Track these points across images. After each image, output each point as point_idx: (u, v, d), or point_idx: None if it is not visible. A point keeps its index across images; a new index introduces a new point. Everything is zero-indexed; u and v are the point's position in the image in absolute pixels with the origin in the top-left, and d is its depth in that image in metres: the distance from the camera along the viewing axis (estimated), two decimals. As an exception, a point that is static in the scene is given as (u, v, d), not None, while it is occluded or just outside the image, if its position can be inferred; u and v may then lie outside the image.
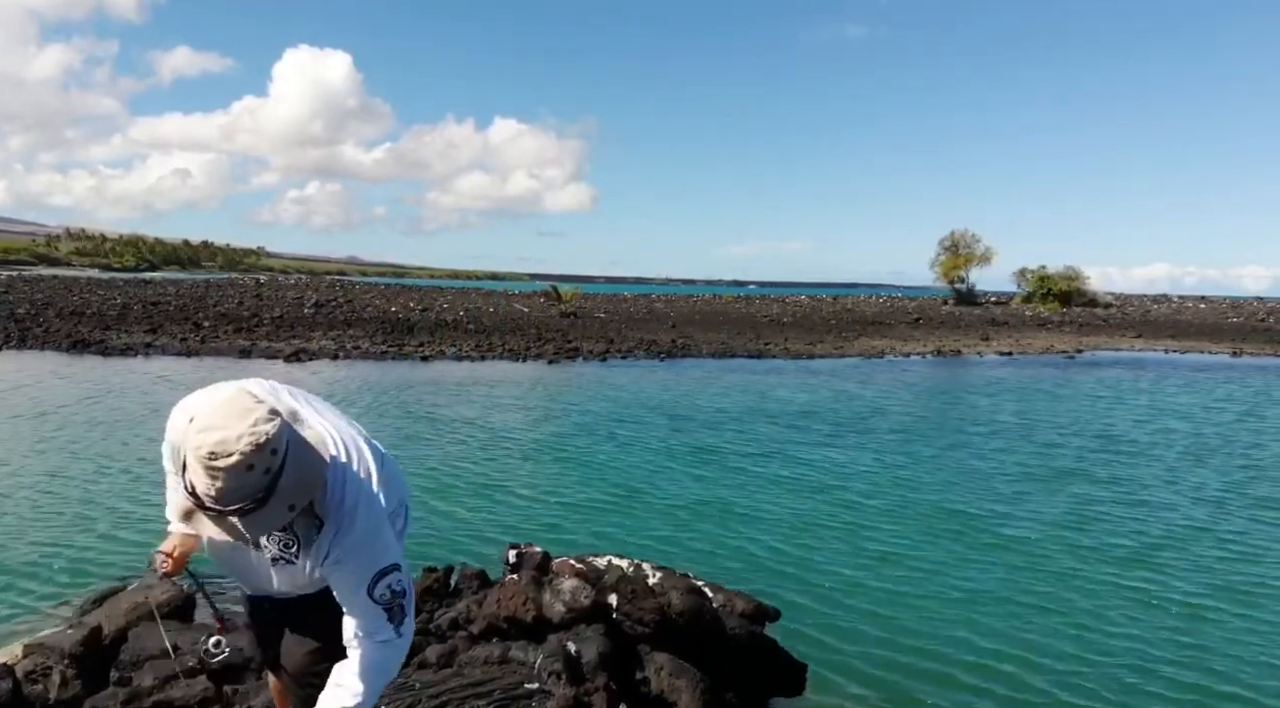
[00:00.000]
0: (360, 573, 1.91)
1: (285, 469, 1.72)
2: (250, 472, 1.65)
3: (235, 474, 1.64)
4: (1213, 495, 9.42)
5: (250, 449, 1.64)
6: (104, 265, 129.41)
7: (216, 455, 1.64)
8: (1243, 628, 5.79)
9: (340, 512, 1.90)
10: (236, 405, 1.70)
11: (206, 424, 1.67)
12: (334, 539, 1.90)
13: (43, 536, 6.99)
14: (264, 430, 1.67)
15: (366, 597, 1.91)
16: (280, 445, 1.71)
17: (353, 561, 1.91)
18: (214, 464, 1.64)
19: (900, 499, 9.01)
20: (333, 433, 1.98)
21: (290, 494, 1.74)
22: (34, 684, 3.87)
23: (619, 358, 24.35)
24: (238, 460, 1.64)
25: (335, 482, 1.90)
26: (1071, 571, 6.86)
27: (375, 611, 1.93)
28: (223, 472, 1.64)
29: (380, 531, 1.95)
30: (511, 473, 9.81)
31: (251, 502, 1.68)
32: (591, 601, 4.12)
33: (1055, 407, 16.63)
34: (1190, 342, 36.18)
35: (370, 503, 1.95)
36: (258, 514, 1.71)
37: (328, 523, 1.89)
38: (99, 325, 26.23)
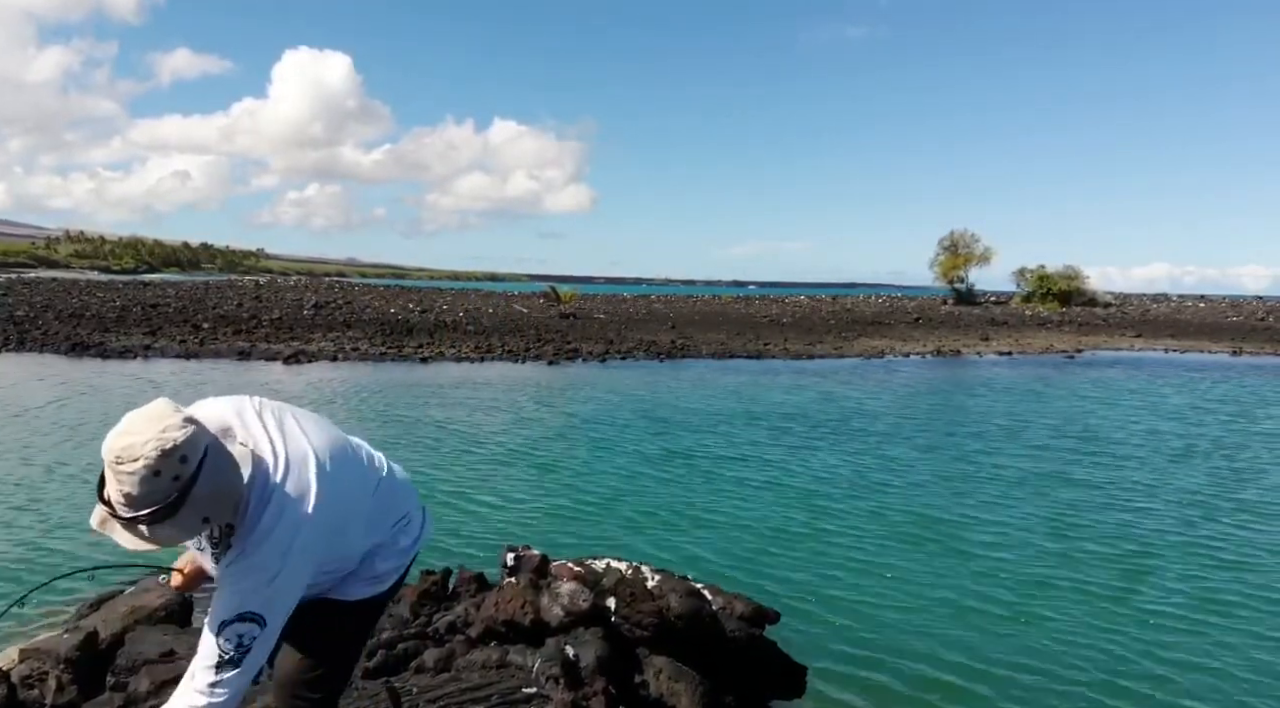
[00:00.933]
0: (224, 604, 1.81)
1: (199, 479, 1.67)
2: (157, 478, 1.63)
3: (140, 480, 1.63)
4: (1197, 500, 9.34)
5: (156, 454, 1.62)
6: (103, 267, 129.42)
7: (122, 460, 1.63)
8: (1226, 636, 5.77)
9: (247, 539, 1.81)
10: (152, 412, 1.69)
11: (120, 430, 1.67)
12: (235, 559, 1.82)
13: (38, 539, 6.97)
14: (172, 437, 1.64)
15: (213, 631, 1.80)
16: (192, 454, 1.66)
17: (235, 584, 1.81)
18: (120, 468, 1.64)
19: (901, 503, 9.00)
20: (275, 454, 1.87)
21: (204, 505, 1.69)
22: (30, 690, 3.85)
23: (619, 359, 24.33)
24: (143, 465, 1.62)
25: (256, 507, 1.81)
26: (1067, 576, 6.84)
27: (212, 647, 1.80)
28: (128, 476, 1.63)
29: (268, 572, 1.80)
30: (510, 475, 9.79)
31: (160, 508, 1.65)
32: (590, 604, 4.10)
33: (1054, 407, 16.62)
34: (1190, 341, 36.17)
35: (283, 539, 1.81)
36: (168, 523, 1.67)
37: (234, 545, 1.82)
38: (98, 328, 26.21)
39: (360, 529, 2.06)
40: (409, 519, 2.26)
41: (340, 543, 2.01)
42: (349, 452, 2.06)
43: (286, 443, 1.90)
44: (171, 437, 1.64)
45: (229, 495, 1.75)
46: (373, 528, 2.12)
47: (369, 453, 2.17)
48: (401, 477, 2.27)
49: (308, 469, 1.89)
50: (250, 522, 1.81)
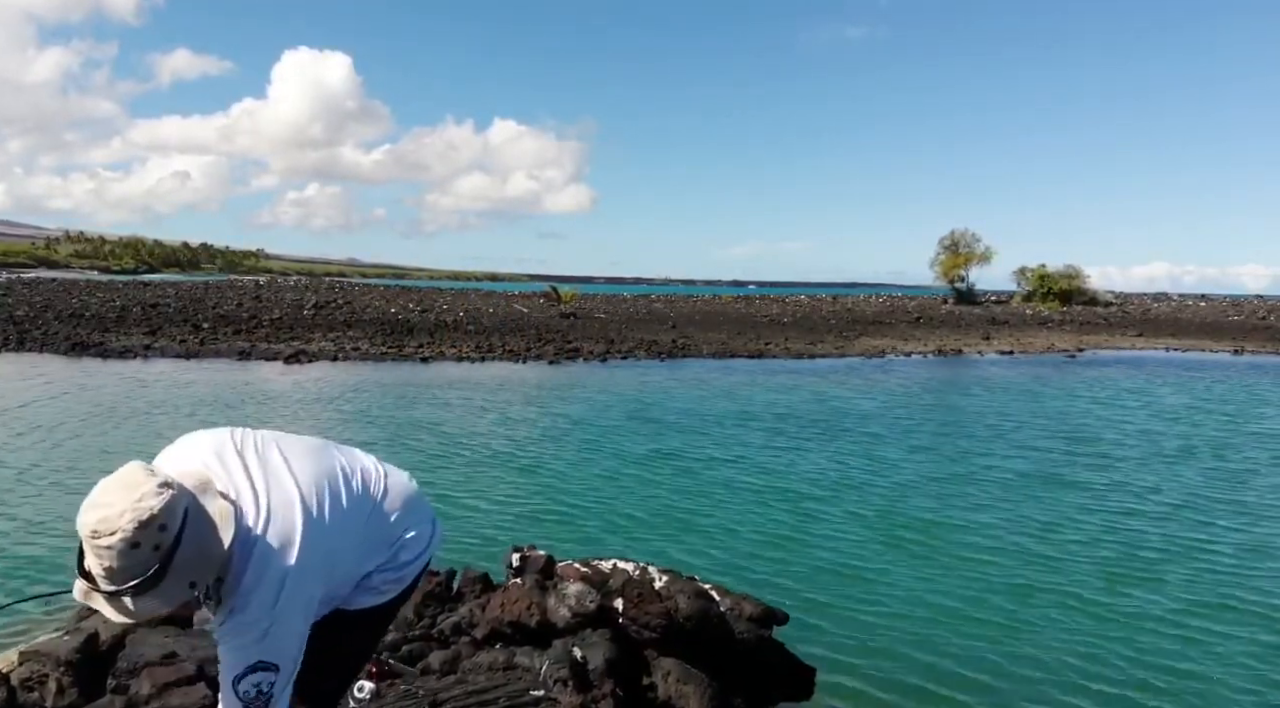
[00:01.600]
0: (232, 657, 1.78)
1: (181, 545, 1.61)
2: (136, 550, 1.56)
3: (120, 553, 1.56)
4: (1198, 503, 9.28)
5: (133, 527, 1.56)
6: (103, 268, 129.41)
7: (99, 534, 1.56)
8: (1221, 640, 5.73)
9: (235, 594, 1.76)
10: (125, 479, 1.62)
11: (92, 501, 1.60)
12: (225, 616, 1.78)
13: (39, 540, 6.92)
14: (148, 506, 1.58)
15: (230, 686, 1.78)
16: (171, 521, 1.60)
17: (231, 643, 1.78)
18: (96, 543, 1.56)
19: (909, 506, 8.95)
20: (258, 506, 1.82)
21: (190, 570, 1.64)
22: (30, 692, 3.80)
23: (619, 359, 24.29)
24: (120, 539, 1.55)
25: (239, 562, 1.76)
26: (1075, 580, 6.79)
27: (234, 704, 1.79)
28: (106, 550, 1.56)
29: (270, 620, 1.77)
30: (512, 475, 9.75)
31: (142, 581, 1.59)
32: (597, 605, 4.05)
33: (1057, 408, 16.59)
34: (1191, 340, 36.15)
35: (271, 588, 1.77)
36: (153, 593, 1.61)
37: (224, 601, 1.78)
38: (98, 328, 26.17)
39: (352, 559, 2.00)
40: (414, 536, 2.16)
41: (331, 577, 1.95)
42: (339, 482, 1.98)
43: (269, 487, 1.84)
44: (148, 506, 1.58)
45: (213, 557, 1.69)
46: (367, 555, 2.05)
47: (363, 475, 2.07)
48: (405, 492, 2.16)
49: (293, 514, 1.82)
50: (234, 578, 1.75)
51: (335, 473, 1.99)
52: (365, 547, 2.03)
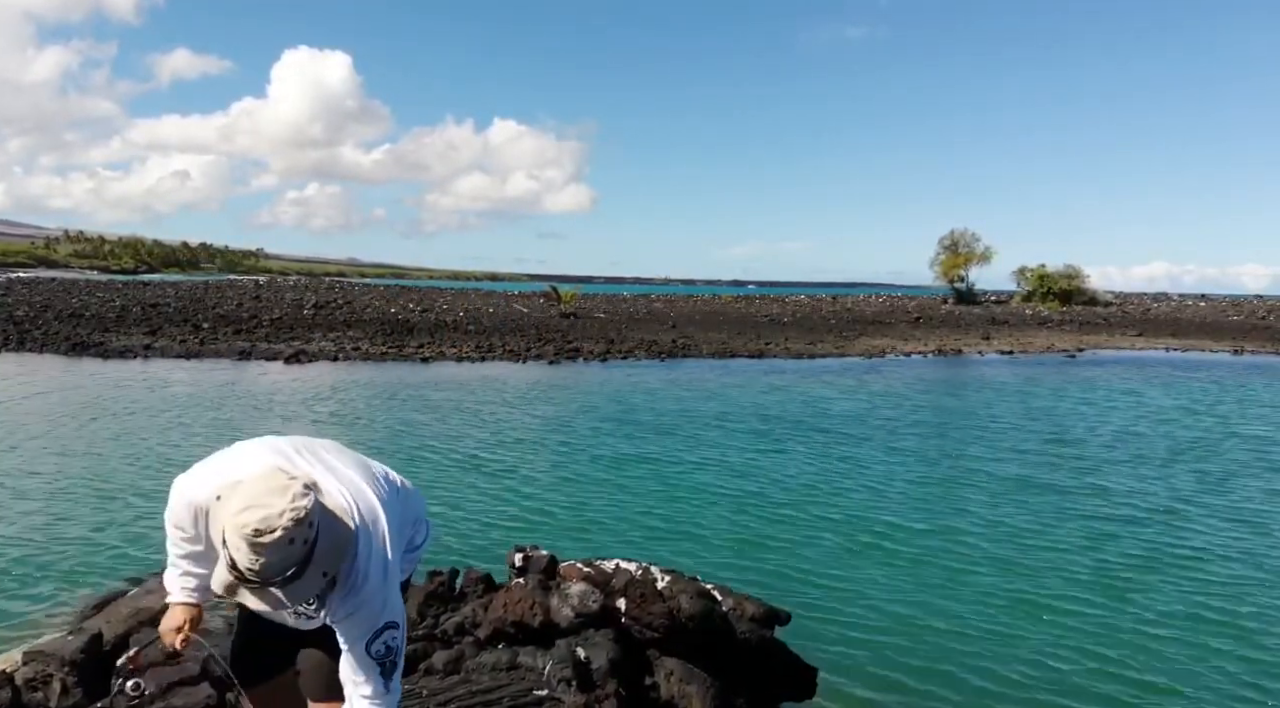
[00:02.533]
0: (362, 628, 2.01)
1: (319, 539, 1.84)
2: (291, 546, 1.77)
3: (278, 549, 1.76)
4: (1184, 504, 9.30)
5: (291, 525, 1.76)
6: (103, 268, 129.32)
7: (261, 532, 1.74)
8: (1216, 641, 5.74)
9: (353, 574, 1.99)
10: (274, 483, 1.82)
11: (248, 503, 1.78)
12: (343, 598, 1.99)
13: (42, 541, 6.93)
14: (303, 506, 1.79)
15: (364, 651, 2.01)
16: (315, 518, 1.83)
17: (358, 617, 2.00)
18: (259, 541, 1.74)
19: (909, 503, 8.96)
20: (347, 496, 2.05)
21: (324, 561, 1.86)
22: (34, 692, 3.80)
23: (620, 359, 24.29)
24: (280, 536, 1.75)
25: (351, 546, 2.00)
26: (1076, 581, 6.80)
27: (369, 664, 2.02)
28: (267, 547, 1.75)
29: (385, 588, 2.03)
30: (515, 476, 9.75)
31: (291, 573, 1.80)
32: (600, 605, 4.06)
33: (1057, 409, 16.59)
34: (1191, 340, 36.16)
35: (379, 562, 2.03)
36: (297, 584, 1.83)
37: (341, 584, 1.98)
38: (98, 328, 26.17)
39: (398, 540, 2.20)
40: (420, 520, 2.45)
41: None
42: (374, 472, 2.22)
43: (340, 479, 2.07)
44: (302, 506, 1.80)
45: (343, 548, 1.93)
46: (400, 536, 2.24)
47: (380, 467, 2.32)
48: (406, 482, 2.42)
49: (371, 500, 2.06)
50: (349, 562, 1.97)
51: (369, 465, 2.24)
52: (399, 529, 2.22)
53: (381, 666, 2.03)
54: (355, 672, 2.04)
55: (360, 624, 2.00)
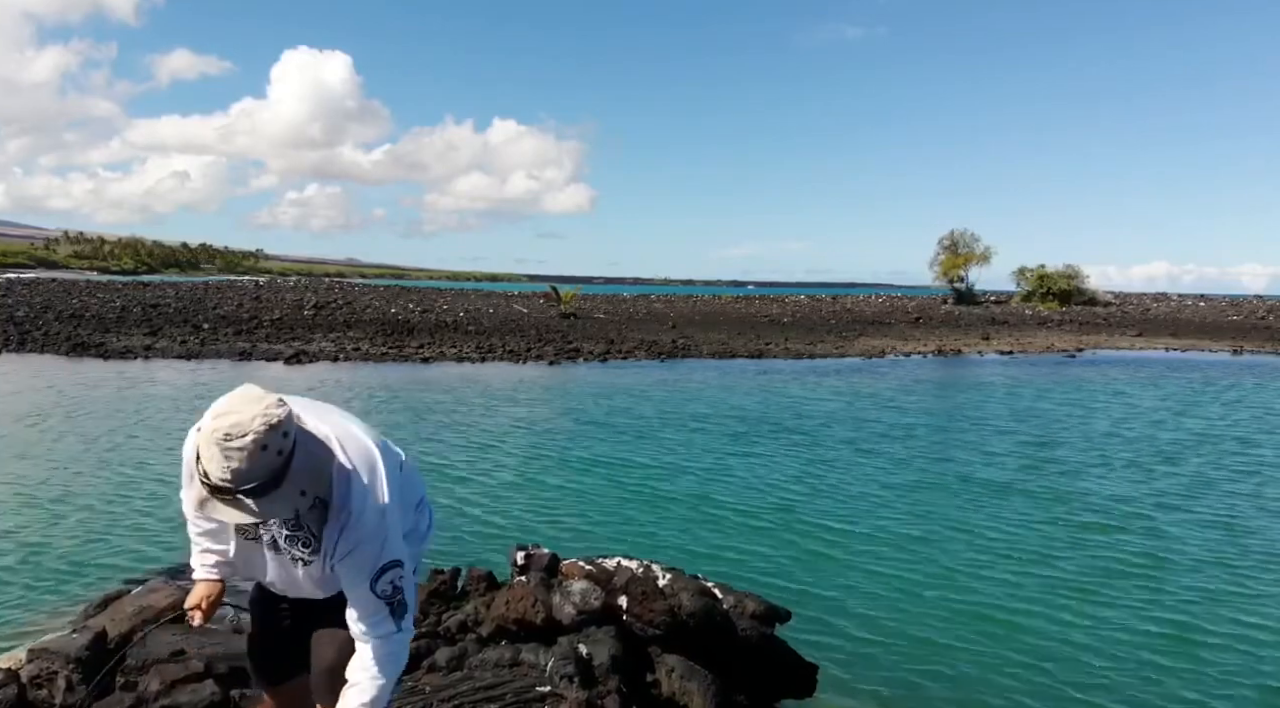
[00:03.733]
0: (364, 567, 1.99)
1: (296, 454, 1.82)
2: (264, 452, 1.74)
3: (249, 454, 1.73)
4: (1177, 506, 9.32)
5: (264, 429, 1.74)
6: (102, 268, 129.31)
7: (231, 436, 1.73)
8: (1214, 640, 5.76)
9: (346, 508, 1.97)
10: (248, 394, 1.83)
11: (222, 410, 1.78)
12: (341, 534, 1.98)
13: (45, 539, 6.95)
14: (276, 414, 1.78)
15: (369, 590, 2.00)
16: (290, 430, 1.81)
17: (358, 554, 1.99)
18: (229, 445, 1.73)
19: (909, 503, 8.98)
20: (335, 434, 2.04)
21: (302, 479, 1.83)
22: (39, 689, 3.82)
23: (620, 359, 24.31)
24: (252, 440, 1.73)
25: (340, 478, 1.98)
26: (1075, 582, 6.82)
27: (377, 604, 2.01)
28: (237, 451, 1.73)
29: (385, 526, 2.01)
30: (516, 475, 9.77)
31: (265, 481, 1.76)
32: (602, 603, 4.08)
33: (1057, 409, 16.61)
34: (1190, 340, 36.18)
35: (376, 500, 2.01)
36: (272, 496, 1.79)
37: (334, 519, 1.97)
38: (98, 328, 26.19)
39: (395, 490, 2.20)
40: (424, 503, 2.46)
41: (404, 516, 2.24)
42: (373, 433, 2.23)
43: (335, 426, 2.06)
44: (275, 413, 1.78)
45: (322, 468, 1.91)
46: (405, 506, 2.26)
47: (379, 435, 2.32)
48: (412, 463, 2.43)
49: (368, 446, 2.08)
50: (341, 496, 1.97)
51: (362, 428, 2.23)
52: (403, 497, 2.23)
53: (390, 605, 2.02)
54: (364, 613, 2.03)
55: (361, 563, 1.99)
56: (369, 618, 2.02)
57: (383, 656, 2.04)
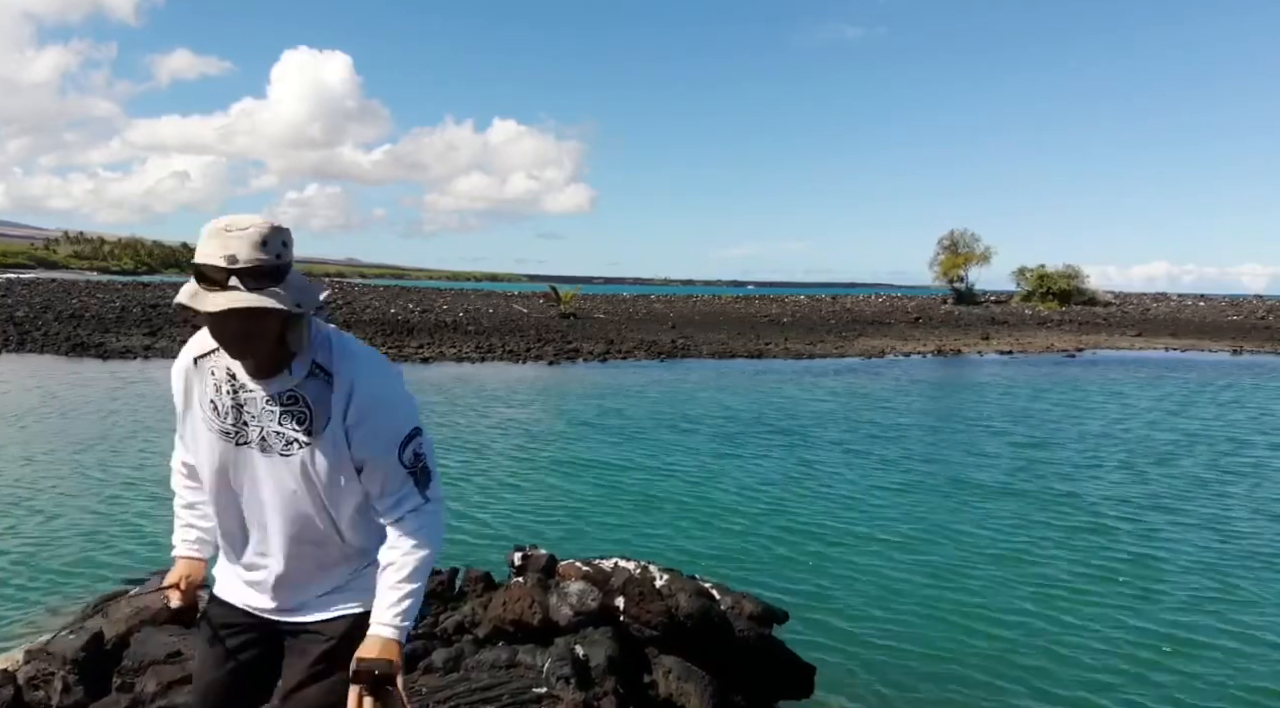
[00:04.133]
0: (386, 433, 1.86)
1: (292, 271, 1.75)
2: (263, 247, 1.68)
3: (248, 241, 1.67)
4: (1171, 507, 9.32)
5: (267, 225, 1.70)
6: (102, 268, 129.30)
7: (233, 226, 1.68)
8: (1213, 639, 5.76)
9: (352, 362, 1.85)
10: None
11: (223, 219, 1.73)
12: (351, 393, 1.83)
13: (43, 540, 6.95)
14: (279, 222, 1.75)
15: (397, 461, 1.87)
16: (290, 245, 1.75)
17: (374, 418, 1.85)
18: (228, 232, 1.68)
19: (908, 506, 8.98)
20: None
21: (298, 291, 1.74)
22: (35, 691, 3.83)
23: (619, 359, 24.31)
24: (251, 230, 1.68)
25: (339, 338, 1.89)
26: (1072, 582, 6.82)
27: (403, 476, 1.89)
28: (236, 237, 1.67)
29: (399, 385, 1.91)
30: (514, 476, 9.77)
31: (264, 267, 1.68)
32: (599, 603, 4.08)
33: (1055, 410, 16.61)
34: (1190, 340, 36.17)
35: (384, 360, 1.93)
36: (266, 292, 1.68)
37: (339, 376, 1.83)
38: (98, 328, 26.18)
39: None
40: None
41: None
42: None
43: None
44: (278, 222, 1.74)
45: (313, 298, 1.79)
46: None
47: None
48: None
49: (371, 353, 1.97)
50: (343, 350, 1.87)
51: None
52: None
53: (414, 475, 1.90)
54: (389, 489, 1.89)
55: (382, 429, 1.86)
56: (395, 494, 1.89)
57: (415, 528, 1.89)
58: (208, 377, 1.90)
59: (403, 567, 1.87)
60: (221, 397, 1.88)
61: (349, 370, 1.84)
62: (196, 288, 1.69)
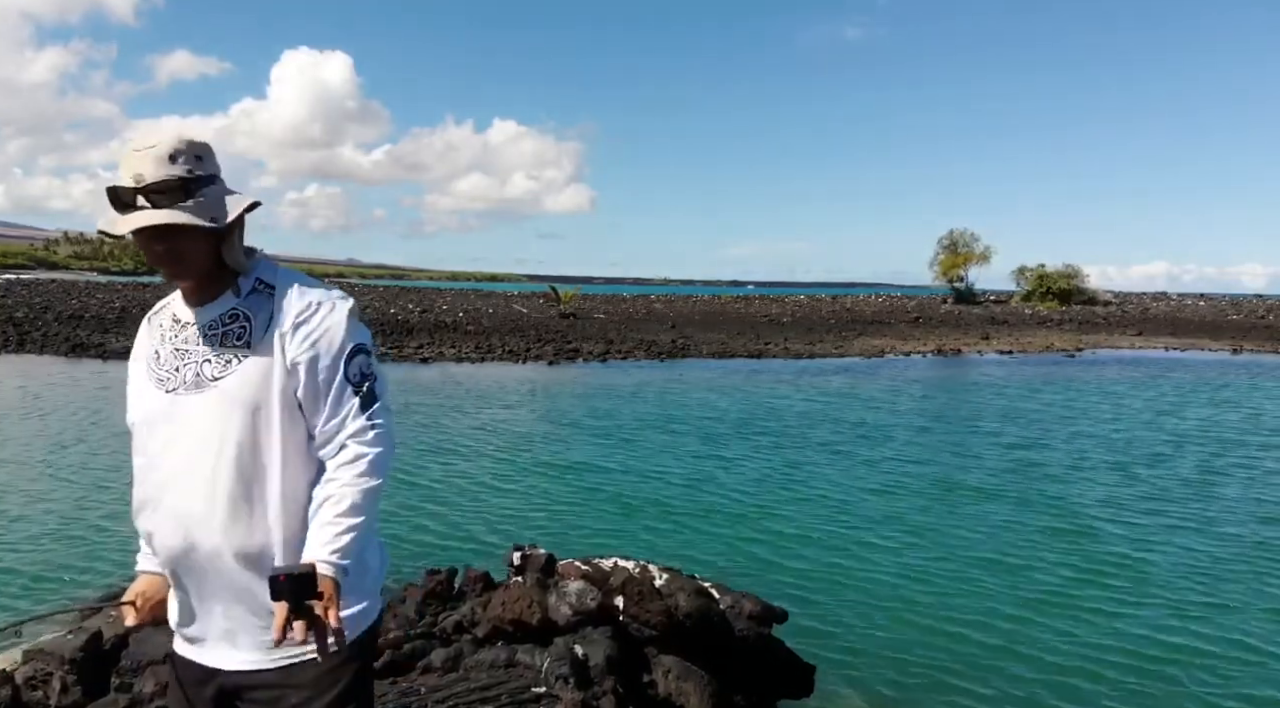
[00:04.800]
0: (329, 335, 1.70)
1: (211, 185, 1.66)
2: (172, 163, 1.61)
3: (154, 158, 1.60)
4: (1166, 507, 9.32)
5: (174, 139, 1.63)
6: (102, 269, 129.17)
7: (140, 146, 1.62)
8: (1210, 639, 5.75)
9: (297, 275, 1.78)
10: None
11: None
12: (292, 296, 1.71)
13: (41, 540, 6.95)
14: (193, 133, 1.66)
15: (341, 373, 1.69)
16: (208, 158, 1.68)
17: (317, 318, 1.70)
18: (137, 153, 1.61)
19: (905, 503, 8.98)
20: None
21: (213, 206, 1.65)
22: (34, 691, 3.82)
23: (619, 359, 24.30)
24: (160, 147, 1.61)
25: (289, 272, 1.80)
26: (1072, 583, 6.82)
27: (346, 391, 1.70)
28: (141, 157, 1.60)
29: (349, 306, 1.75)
30: (514, 475, 9.76)
31: (171, 187, 1.60)
32: (598, 603, 4.07)
33: (1053, 410, 16.60)
34: (1190, 339, 36.17)
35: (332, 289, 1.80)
36: (177, 208, 1.60)
37: (280, 285, 1.74)
38: (98, 329, 26.17)
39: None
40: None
41: None
42: None
43: None
44: (193, 132, 1.67)
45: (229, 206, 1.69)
46: None
47: None
48: None
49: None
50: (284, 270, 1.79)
51: None
52: None
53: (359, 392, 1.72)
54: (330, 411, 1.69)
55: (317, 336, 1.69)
56: (336, 416, 1.69)
57: (357, 455, 1.68)
58: (155, 330, 1.83)
59: (341, 499, 1.65)
60: (164, 345, 1.78)
61: (291, 279, 1.76)
62: (113, 216, 1.64)
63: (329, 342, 1.70)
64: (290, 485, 1.69)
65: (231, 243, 1.70)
